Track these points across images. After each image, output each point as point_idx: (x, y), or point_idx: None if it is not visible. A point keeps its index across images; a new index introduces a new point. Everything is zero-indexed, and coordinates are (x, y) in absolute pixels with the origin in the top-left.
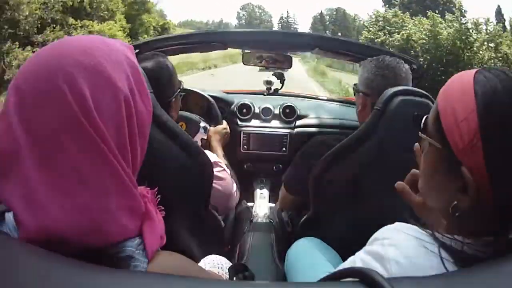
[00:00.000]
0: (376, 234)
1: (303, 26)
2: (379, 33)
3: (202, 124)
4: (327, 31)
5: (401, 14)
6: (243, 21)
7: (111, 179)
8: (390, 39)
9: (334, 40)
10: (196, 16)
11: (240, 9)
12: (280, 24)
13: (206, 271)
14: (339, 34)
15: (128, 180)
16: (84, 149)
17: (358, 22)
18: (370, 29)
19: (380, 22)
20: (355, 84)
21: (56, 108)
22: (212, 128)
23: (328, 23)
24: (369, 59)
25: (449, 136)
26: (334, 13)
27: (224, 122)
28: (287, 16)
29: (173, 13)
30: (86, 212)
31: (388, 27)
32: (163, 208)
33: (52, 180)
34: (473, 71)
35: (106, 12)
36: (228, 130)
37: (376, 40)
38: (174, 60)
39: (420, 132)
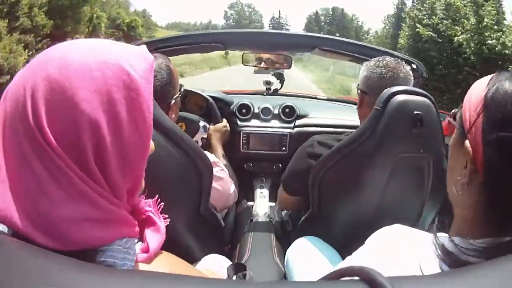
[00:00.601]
0: (374, 234)
1: (296, 26)
2: (456, 27)
3: (202, 123)
4: (322, 32)
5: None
6: (231, 20)
7: (71, 191)
8: (494, 43)
9: (335, 41)
10: (183, 17)
11: (228, 7)
12: (271, 25)
13: (201, 272)
14: (337, 34)
15: (95, 194)
16: (43, 161)
17: (356, 23)
18: (425, 21)
19: (439, 13)
20: (358, 84)
21: (20, 116)
22: (212, 126)
23: (323, 23)
24: (372, 59)
25: (463, 116)
26: (330, 13)
27: (224, 120)
28: (279, 16)
29: (160, 15)
30: (46, 218)
31: (462, 19)
32: (167, 216)
33: (17, 185)
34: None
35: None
36: (228, 127)
37: (457, 39)
38: None
39: (449, 117)
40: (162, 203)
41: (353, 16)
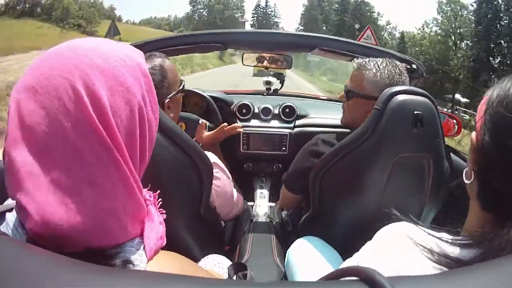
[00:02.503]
0: (377, 235)
1: (288, 18)
2: None
3: (200, 121)
4: (327, 23)
5: None
6: (200, 6)
7: (120, 184)
8: None
9: (335, 41)
10: (157, 13)
11: None
12: (255, 15)
13: (206, 271)
14: (357, 26)
15: (136, 186)
16: (98, 154)
17: (371, 14)
18: None
19: None
20: None
21: (69, 107)
22: (205, 134)
23: (328, 12)
24: None
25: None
26: None
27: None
28: (266, 5)
29: (133, 10)
30: (91, 212)
31: None
32: (164, 211)
33: (60, 179)
34: None
35: None
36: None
37: None
38: None
39: None
40: (161, 201)
41: (367, 4)
